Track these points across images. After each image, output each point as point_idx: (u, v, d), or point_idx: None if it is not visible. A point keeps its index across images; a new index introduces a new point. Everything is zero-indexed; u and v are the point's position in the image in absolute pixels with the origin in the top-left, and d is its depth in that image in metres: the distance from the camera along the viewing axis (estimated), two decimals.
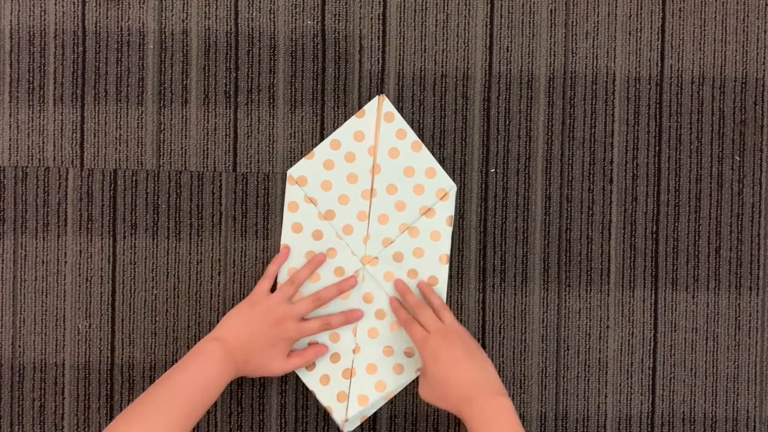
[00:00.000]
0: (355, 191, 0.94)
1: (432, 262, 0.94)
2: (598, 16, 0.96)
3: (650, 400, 0.96)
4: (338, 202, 0.94)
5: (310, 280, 0.94)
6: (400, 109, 0.95)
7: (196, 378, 0.82)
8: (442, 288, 0.94)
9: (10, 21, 0.95)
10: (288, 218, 0.94)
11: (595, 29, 0.96)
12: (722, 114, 0.97)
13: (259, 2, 0.95)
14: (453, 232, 0.95)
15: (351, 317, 0.93)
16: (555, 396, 0.96)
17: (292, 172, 0.95)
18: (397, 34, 0.96)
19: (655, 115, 0.97)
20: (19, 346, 0.95)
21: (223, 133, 0.95)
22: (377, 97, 0.95)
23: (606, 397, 0.96)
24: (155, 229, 0.95)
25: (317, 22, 0.96)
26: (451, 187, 0.94)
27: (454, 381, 0.82)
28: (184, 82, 0.95)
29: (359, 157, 0.94)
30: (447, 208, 0.94)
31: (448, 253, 0.94)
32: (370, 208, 0.94)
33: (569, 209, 0.96)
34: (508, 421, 0.78)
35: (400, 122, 0.95)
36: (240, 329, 0.87)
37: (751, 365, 0.97)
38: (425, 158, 0.94)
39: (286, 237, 0.94)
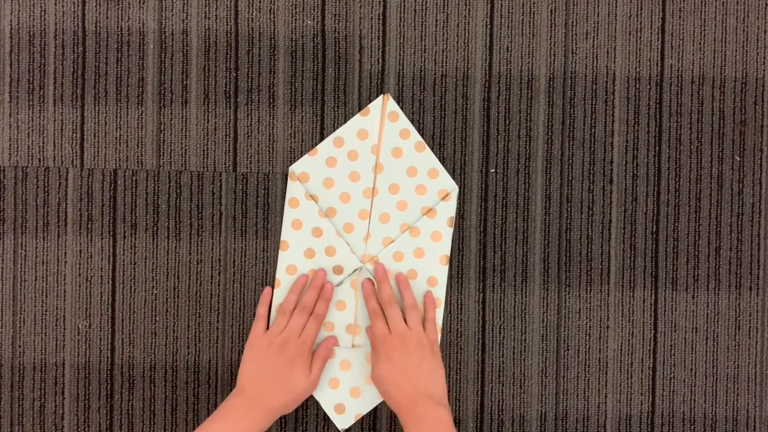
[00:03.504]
0: (357, 189, 0.94)
1: (432, 263, 0.94)
2: (598, 16, 0.97)
3: (650, 400, 0.96)
4: (339, 200, 0.94)
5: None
6: (400, 109, 0.95)
7: None
8: (441, 289, 0.94)
9: (10, 21, 0.95)
10: (288, 215, 0.94)
11: (595, 29, 0.96)
12: (722, 114, 0.97)
13: (259, 2, 0.95)
14: (453, 233, 0.95)
15: (327, 295, 0.92)
16: (555, 396, 0.96)
17: (294, 168, 0.95)
18: (397, 34, 0.96)
19: (655, 115, 0.97)
20: (19, 346, 0.95)
21: (223, 133, 0.95)
22: (382, 96, 0.95)
23: (606, 397, 0.96)
24: (155, 229, 0.95)
25: (317, 22, 0.96)
26: (453, 188, 0.95)
27: (400, 385, 0.86)
28: (184, 82, 0.95)
29: (362, 156, 0.94)
30: (448, 209, 0.94)
31: (449, 254, 0.94)
32: (371, 207, 0.94)
33: (569, 209, 0.96)
34: (442, 430, 0.83)
35: (404, 122, 0.95)
36: (256, 374, 0.87)
37: (751, 365, 0.97)
38: (428, 158, 0.94)
39: (286, 233, 0.94)
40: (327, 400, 0.94)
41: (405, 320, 0.90)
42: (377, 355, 0.88)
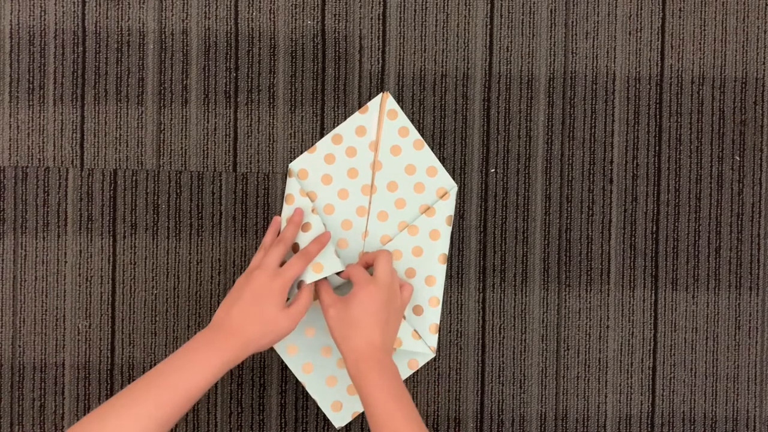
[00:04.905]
0: (355, 186, 0.94)
1: (430, 262, 0.94)
2: (598, 16, 0.97)
3: (650, 400, 0.96)
4: (338, 196, 0.94)
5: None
6: (400, 108, 0.95)
7: (182, 369, 0.80)
8: (439, 288, 0.94)
9: (10, 21, 0.95)
10: (285, 210, 0.94)
11: (595, 29, 0.96)
12: (722, 114, 0.97)
13: (259, 2, 0.95)
14: (453, 232, 0.95)
15: (323, 239, 0.90)
16: (555, 396, 0.96)
17: (293, 165, 0.95)
18: (397, 34, 0.96)
19: (655, 115, 0.97)
20: (19, 346, 0.95)
21: (223, 133, 0.95)
22: (381, 94, 0.95)
23: (606, 397, 0.96)
24: (155, 229, 0.95)
25: (317, 22, 0.96)
26: (451, 186, 0.95)
27: (368, 332, 0.84)
28: (184, 82, 0.95)
29: (360, 152, 0.94)
30: (447, 208, 0.94)
31: (447, 252, 0.94)
32: (369, 205, 0.94)
33: (569, 209, 0.96)
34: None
35: (402, 120, 0.95)
36: (228, 307, 0.84)
37: (751, 365, 0.97)
38: (427, 157, 0.94)
39: (284, 226, 0.94)
40: (324, 397, 0.94)
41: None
42: (355, 296, 0.85)
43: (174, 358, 0.80)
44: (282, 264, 0.87)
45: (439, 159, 0.95)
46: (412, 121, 0.95)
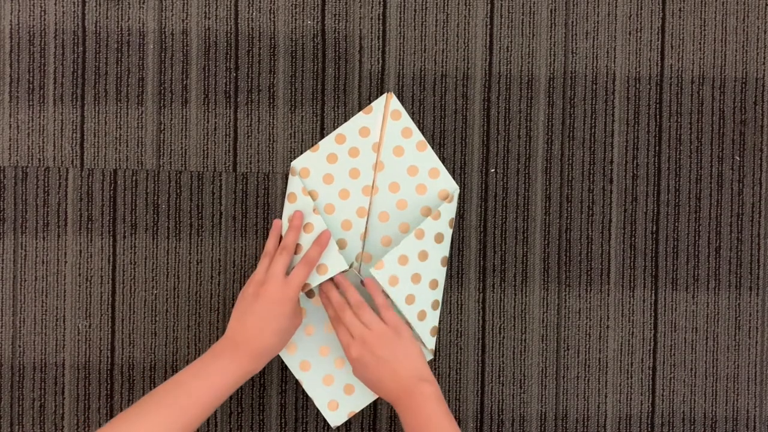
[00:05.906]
0: (356, 186, 0.94)
1: (434, 265, 0.93)
2: (598, 16, 0.97)
3: (650, 400, 0.96)
4: (339, 196, 0.94)
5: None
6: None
7: (198, 380, 0.82)
8: (440, 291, 0.94)
9: (10, 21, 0.95)
10: (287, 210, 0.94)
11: (595, 29, 0.96)
12: (722, 114, 0.97)
13: (259, 2, 0.95)
14: (453, 232, 0.95)
15: (323, 241, 0.90)
16: (555, 396, 0.96)
17: (296, 163, 0.95)
18: (397, 34, 0.96)
19: (655, 115, 0.97)
20: (19, 346, 0.95)
21: (223, 133, 0.95)
22: (385, 94, 0.95)
23: (606, 397, 0.96)
24: (155, 229, 0.95)
25: (317, 22, 0.96)
26: (454, 189, 0.94)
27: (381, 383, 0.85)
28: (184, 82, 0.95)
29: (363, 153, 0.94)
30: (450, 211, 0.94)
31: (447, 255, 0.94)
32: (370, 205, 0.94)
33: (569, 209, 0.96)
34: (432, 406, 0.83)
35: (406, 121, 0.95)
36: (239, 319, 0.85)
37: (751, 365, 0.97)
38: (430, 158, 0.94)
39: (285, 229, 0.94)
40: (320, 397, 0.94)
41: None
42: (352, 365, 0.87)
43: (193, 367, 0.83)
44: (287, 271, 0.88)
45: (439, 159, 0.95)
46: (412, 121, 0.95)
